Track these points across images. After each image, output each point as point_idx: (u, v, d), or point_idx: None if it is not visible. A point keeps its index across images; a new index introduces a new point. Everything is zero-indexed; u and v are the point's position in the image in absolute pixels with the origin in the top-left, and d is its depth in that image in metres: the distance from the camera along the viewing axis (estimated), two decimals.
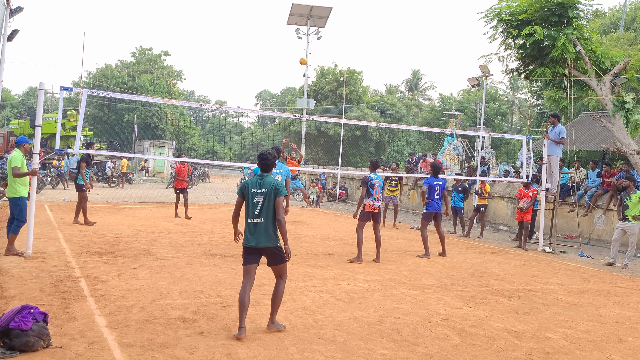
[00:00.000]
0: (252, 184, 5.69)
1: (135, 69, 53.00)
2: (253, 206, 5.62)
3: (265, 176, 5.72)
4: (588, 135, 22.20)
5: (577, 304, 7.82)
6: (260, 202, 5.59)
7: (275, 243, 5.65)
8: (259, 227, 5.59)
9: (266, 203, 5.59)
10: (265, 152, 5.82)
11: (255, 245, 5.60)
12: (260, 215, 5.59)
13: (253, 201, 5.62)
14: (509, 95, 57.65)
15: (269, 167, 5.79)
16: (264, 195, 5.60)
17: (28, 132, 30.01)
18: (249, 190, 5.67)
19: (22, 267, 8.02)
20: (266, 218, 5.59)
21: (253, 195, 5.64)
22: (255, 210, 5.60)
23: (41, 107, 9.12)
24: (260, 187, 5.64)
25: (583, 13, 15.31)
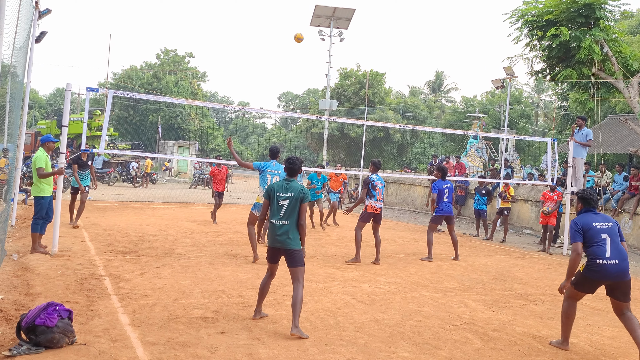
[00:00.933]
0: (278, 188, 5.88)
1: (159, 70, 53.57)
2: (278, 209, 5.80)
3: (291, 181, 5.93)
4: (615, 138, 21.83)
5: (603, 309, 7.68)
6: (285, 206, 5.78)
7: (296, 246, 5.79)
8: (282, 229, 5.75)
9: (291, 207, 5.77)
10: (293, 158, 6.07)
11: (279, 246, 5.78)
12: (284, 217, 5.75)
13: (278, 204, 5.80)
14: (534, 98, 56.96)
15: (295, 172, 6.00)
16: (290, 199, 5.78)
17: (55, 132, 30.47)
18: (275, 193, 5.86)
19: (48, 264, 8.16)
20: (290, 221, 5.75)
21: (278, 199, 5.82)
22: (280, 212, 5.78)
23: (68, 107, 9.27)
24: (286, 191, 5.82)
25: (610, 14, 15.09)
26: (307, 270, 8.97)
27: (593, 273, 5.55)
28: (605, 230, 5.61)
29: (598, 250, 5.51)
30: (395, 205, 25.50)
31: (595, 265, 5.52)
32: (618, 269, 5.48)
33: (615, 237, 5.62)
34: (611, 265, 5.48)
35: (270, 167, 9.59)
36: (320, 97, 46.65)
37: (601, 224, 5.66)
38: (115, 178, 30.00)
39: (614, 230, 5.65)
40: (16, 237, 10.77)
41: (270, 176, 9.49)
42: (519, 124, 44.11)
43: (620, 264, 5.50)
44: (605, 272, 5.48)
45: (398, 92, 65.95)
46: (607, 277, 5.50)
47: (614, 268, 5.48)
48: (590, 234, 5.61)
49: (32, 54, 11.78)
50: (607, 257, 5.49)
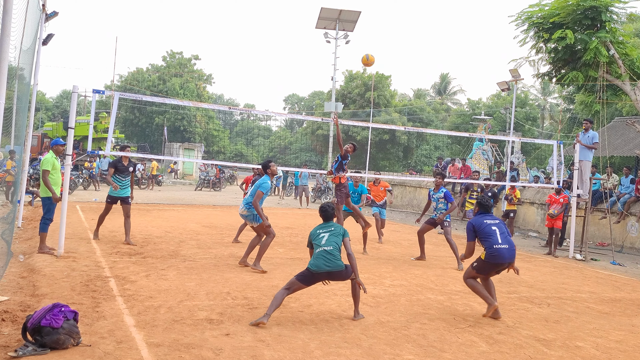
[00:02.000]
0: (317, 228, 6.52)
1: (165, 72, 53.76)
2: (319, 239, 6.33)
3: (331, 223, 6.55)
4: (621, 140, 21.74)
5: (609, 312, 7.65)
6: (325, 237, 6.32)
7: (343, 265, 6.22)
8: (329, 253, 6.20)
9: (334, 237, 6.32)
10: (325, 205, 6.63)
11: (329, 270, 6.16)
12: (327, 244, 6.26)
13: (319, 237, 6.36)
14: (540, 100, 56.81)
15: (329, 217, 6.59)
16: (330, 232, 6.37)
17: (61, 134, 30.64)
18: (315, 231, 6.47)
19: (54, 266, 8.19)
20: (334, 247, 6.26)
21: (319, 234, 6.39)
22: (321, 241, 6.29)
23: (74, 109, 9.31)
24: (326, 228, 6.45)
25: (617, 16, 15.03)
26: None
27: (492, 257, 6.78)
28: (494, 225, 6.94)
29: (493, 240, 6.82)
30: (401, 208, 25.46)
31: (493, 250, 6.76)
32: (509, 252, 6.79)
33: (503, 230, 6.94)
34: (504, 249, 6.77)
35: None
36: (325, 100, 46.64)
37: (490, 220, 7.00)
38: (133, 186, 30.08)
39: (501, 226, 7.01)
40: (22, 239, 10.82)
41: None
42: (524, 126, 44.03)
43: (509, 248, 6.82)
44: (500, 254, 6.75)
45: (403, 94, 65.93)
46: (503, 259, 6.76)
47: (506, 251, 6.77)
48: (484, 230, 6.91)
49: (39, 56, 11.86)
50: (500, 243, 6.78)
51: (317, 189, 28.85)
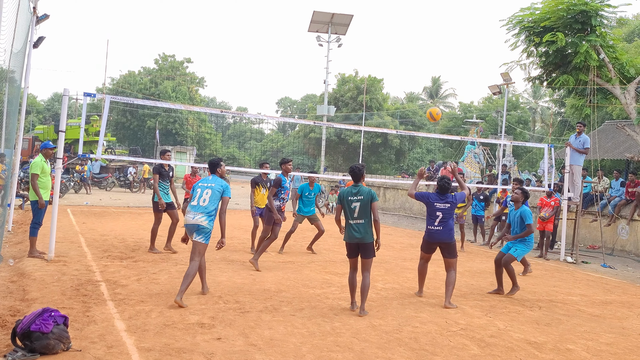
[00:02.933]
0: (348, 193, 6.98)
1: (157, 75, 53.63)
2: (351, 211, 6.89)
3: (359, 186, 7.01)
4: (612, 144, 21.88)
5: (600, 315, 7.69)
6: (357, 207, 6.87)
7: (371, 239, 6.89)
8: (359, 227, 6.87)
9: (363, 208, 6.86)
10: (354, 166, 7.14)
11: (357, 241, 6.87)
12: (359, 217, 6.87)
13: (350, 207, 6.89)
14: (531, 103, 57.12)
15: (358, 177, 7.09)
16: (360, 202, 6.87)
17: (52, 137, 30.50)
18: (346, 198, 6.95)
19: (44, 270, 8.14)
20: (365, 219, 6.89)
21: (350, 202, 6.90)
22: (354, 213, 6.88)
23: (65, 112, 9.26)
24: (356, 195, 6.92)
25: (607, 20, 15.14)
26: (304, 276, 8.99)
27: (426, 236, 7.84)
28: (441, 209, 7.65)
29: (430, 221, 7.72)
30: (393, 211, 25.50)
31: (427, 230, 7.80)
32: (440, 235, 7.65)
33: (447, 215, 7.65)
34: (435, 231, 7.69)
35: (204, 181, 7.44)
36: (318, 103, 46.72)
37: (441, 204, 7.66)
38: (113, 183, 29.96)
39: (449, 209, 7.67)
40: (12, 243, 10.75)
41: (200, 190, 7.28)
42: (516, 129, 44.21)
43: (442, 231, 7.65)
44: (431, 236, 7.73)
45: (396, 97, 66.09)
46: (434, 239, 7.71)
47: (437, 233, 7.68)
48: (430, 208, 7.72)
49: (30, 59, 11.78)
50: (435, 225, 7.67)
51: None
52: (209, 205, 7.07)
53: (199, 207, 7.07)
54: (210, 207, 7.07)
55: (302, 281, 8.59)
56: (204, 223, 7.02)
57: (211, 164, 7.52)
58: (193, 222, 7.02)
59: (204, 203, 7.08)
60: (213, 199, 7.10)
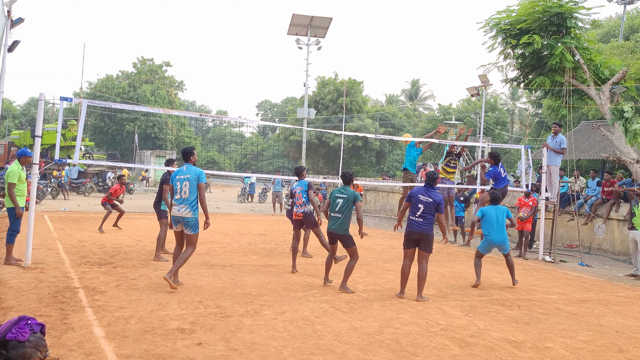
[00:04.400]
0: (337, 191, 8.37)
1: (136, 79, 53.19)
2: (334, 205, 8.22)
3: (347, 187, 8.38)
4: (588, 144, 22.21)
5: (578, 313, 7.79)
6: (340, 203, 8.18)
7: (344, 232, 8.16)
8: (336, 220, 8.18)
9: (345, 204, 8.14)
10: (346, 172, 8.54)
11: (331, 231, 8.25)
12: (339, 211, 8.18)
13: (335, 202, 8.23)
14: (509, 105, 57.77)
15: (348, 181, 8.51)
16: (343, 199, 8.16)
17: (29, 143, 30.04)
18: (334, 194, 8.32)
19: (21, 277, 8.01)
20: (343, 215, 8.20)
21: (336, 198, 8.24)
22: (335, 208, 8.20)
23: (41, 117, 9.14)
24: (342, 193, 8.25)
25: (581, 22, 15.36)
26: (285, 279, 8.97)
27: (407, 227, 8.06)
28: (423, 202, 7.90)
29: (411, 212, 8.00)
30: (374, 213, 25.58)
31: (408, 220, 8.02)
32: (420, 226, 7.89)
33: (429, 209, 7.86)
34: (416, 222, 7.93)
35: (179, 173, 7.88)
36: (298, 106, 46.70)
37: (424, 197, 7.91)
38: (91, 188, 29.59)
39: (430, 205, 7.87)
40: None
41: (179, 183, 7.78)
42: (494, 131, 44.69)
43: (422, 223, 7.88)
44: (411, 226, 7.97)
45: (376, 100, 66.40)
46: (414, 229, 7.93)
47: (417, 224, 7.91)
48: (413, 202, 8.01)
49: (5, 63, 11.59)
50: (416, 216, 7.90)
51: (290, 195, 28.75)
52: (190, 196, 7.66)
53: (182, 199, 7.64)
54: (191, 198, 7.67)
55: (283, 284, 8.57)
56: (188, 215, 7.64)
57: (184, 152, 7.97)
58: (178, 215, 7.68)
59: (185, 195, 7.64)
60: (192, 189, 7.65)
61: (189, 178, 7.66)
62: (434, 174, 8.13)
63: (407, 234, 8.12)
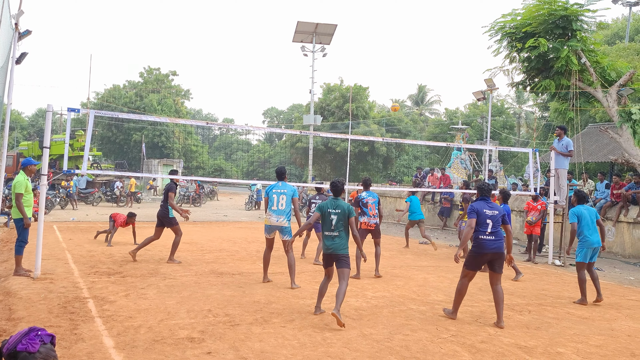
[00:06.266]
0: (328, 206, 7.18)
1: (143, 88, 53.46)
2: (329, 222, 7.10)
3: (339, 200, 7.25)
4: (596, 147, 22.11)
5: (589, 317, 7.73)
6: (334, 220, 7.08)
7: (344, 251, 7.02)
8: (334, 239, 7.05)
9: (340, 221, 7.07)
10: (336, 181, 7.38)
11: (330, 252, 7.04)
12: (335, 229, 7.07)
13: (329, 219, 7.09)
14: (516, 108, 57.61)
15: (339, 192, 7.37)
16: (338, 215, 7.07)
17: (37, 154, 30.25)
18: (326, 210, 7.16)
19: (31, 288, 8.04)
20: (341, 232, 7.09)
21: (329, 214, 7.11)
22: (331, 225, 7.08)
23: (49, 128, 9.20)
24: (335, 208, 7.13)
25: (587, 25, 15.33)
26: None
27: (476, 247, 7.12)
28: (490, 217, 7.13)
29: (480, 231, 7.10)
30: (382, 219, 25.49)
31: (478, 241, 7.11)
32: (494, 244, 7.05)
33: (497, 223, 7.15)
34: (488, 240, 7.06)
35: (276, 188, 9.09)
36: (304, 112, 46.79)
37: (489, 211, 7.18)
38: (99, 198, 29.72)
39: (497, 217, 7.17)
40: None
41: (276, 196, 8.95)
42: (501, 134, 44.55)
43: (495, 240, 7.07)
44: (483, 246, 7.05)
45: (382, 105, 66.40)
46: (487, 249, 7.04)
47: (491, 242, 7.05)
48: (479, 220, 7.14)
49: (13, 75, 11.69)
50: (487, 234, 7.06)
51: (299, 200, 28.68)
52: (286, 208, 8.92)
53: (279, 210, 8.91)
54: (287, 209, 8.93)
55: (292, 292, 8.56)
56: (285, 224, 8.89)
57: (279, 172, 9.35)
58: (277, 224, 8.92)
59: (282, 207, 8.91)
60: (288, 202, 8.95)
61: (286, 193, 8.98)
62: (487, 185, 7.45)
63: (477, 255, 7.15)
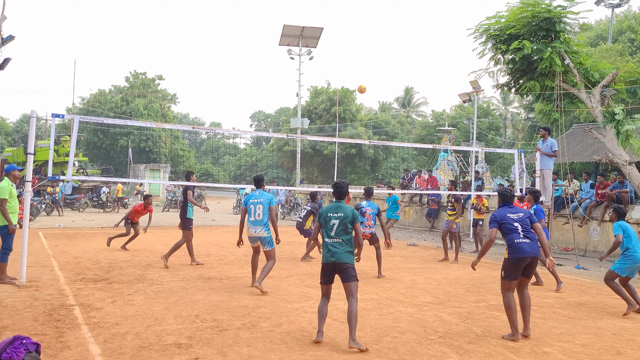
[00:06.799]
0: (328, 210, 6.36)
1: (129, 93, 53.14)
2: (329, 228, 6.27)
3: (342, 203, 6.42)
4: (580, 147, 22.32)
5: (575, 317, 7.80)
6: (335, 225, 6.22)
7: (349, 261, 6.16)
8: (336, 245, 6.18)
9: (342, 225, 6.21)
10: (339, 183, 6.56)
11: (332, 262, 6.15)
12: (336, 235, 6.21)
13: (329, 224, 6.27)
14: (501, 110, 58.03)
15: (343, 195, 6.52)
16: (340, 219, 6.23)
17: (22, 160, 29.97)
18: (326, 214, 6.35)
19: (16, 296, 7.96)
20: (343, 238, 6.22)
21: (329, 219, 6.29)
22: (331, 231, 6.23)
23: (33, 134, 9.12)
24: (336, 212, 6.30)
25: (570, 27, 15.47)
26: (282, 290, 8.95)
27: (515, 252, 6.58)
28: (516, 220, 6.75)
29: (513, 235, 6.65)
30: None
31: (513, 246, 6.61)
32: (532, 248, 6.59)
33: (526, 225, 6.73)
34: (523, 244, 6.58)
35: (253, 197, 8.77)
36: (292, 116, 46.76)
37: (513, 214, 6.81)
38: (86, 204, 29.51)
39: (523, 219, 6.77)
40: None
41: (253, 206, 8.64)
42: (487, 136, 44.82)
43: (531, 243, 6.62)
44: (521, 250, 6.55)
45: (369, 108, 66.55)
46: (524, 253, 6.55)
47: (528, 246, 6.57)
48: (506, 226, 6.74)
49: None
50: (521, 237, 6.62)
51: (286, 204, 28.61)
52: (264, 218, 8.60)
53: (256, 221, 8.60)
54: (265, 219, 8.61)
55: (280, 296, 8.55)
56: (263, 234, 8.59)
57: (257, 179, 9.00)
58: (255, 235, 8.63)
59: (259, 217, 8.60)
60: (265, 211, 8.61)
61: (262, 202, 8.64)
62: (508, 191, 7.04)
63: (515, 261, 6.58)
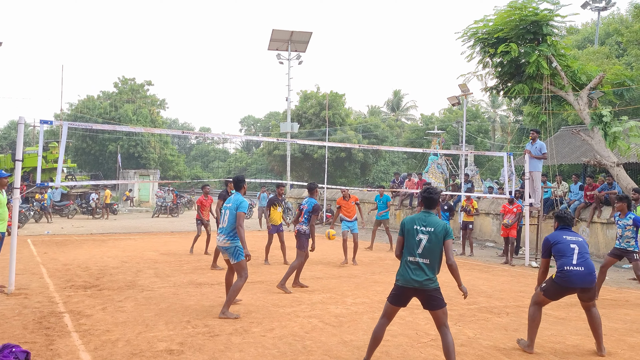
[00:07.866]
0: (414, 221, 5.26)
1: (117, 99, 52.88)
2: (415, 244, 5.16)
3: (431, 214, 5.29)
4: (569, 149, 22.49)
5: (565, 318, 7.84)
6: (423, 241, 5.13)
7: (436, 285, 5.16)
8: (422, 267, 5.12)
9: (431, 243, 5.13)
10: (429, 189, 5.41)
11: (415, 286, 5.12)
12: (423, 255, 5.13)
13: (415, 239, 5.17)
14: (490, 113, 58.36)
15: (434, 204, 5.39)
16: (429, 234, 5.13)
17: (10, 166, 29.71)
18: (411, 227, 5.23)
19: (5, 304, 7.88)
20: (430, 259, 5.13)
21: (415, 233, 5.18)
22: (417, 249, 5.14)
23: (21, 141, 9.05)
24: (425, 226, 5.18)
25: (557, 30, 15.62)
26: (273, 295, 8.92)
27: (562, 280, 5.98)
28: (574, 242, 6.10)
29: (566, 260, 5.99)
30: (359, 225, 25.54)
31: (562, 272, 5.98)
32: (582, 276, 5.92)
33: (584, 250, 6.05)
34: (577, 272, 5.92)
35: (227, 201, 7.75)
36: (281, 120, 46.80)
37: (570, 237, 6.15)
38: (75, 210, 29.30)
39: (582, 243, 6.11)
40: None
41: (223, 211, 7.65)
42: (477, 139, 45.05)
43: (586, 273, 5.94)
44: (572, 279, 5.92)
45: (358, 112, 66.68)
46: (574, 283, 5.92)
47: (579, 274, 5.91)
48: (560, 247, 6.09)
49: None
50: (574, 265, 5.94)
51: None
52: (228, 226, 7.41)
53: (221, 228, 7.50)
54: (229, 227, 7.39)
55: (271, 301, 8.53)
56: (226, 244, 7.38)
57: (235, 180, 7.88)
58: (220, 245, 7.51)
59: (224, 224, 7.47)
60: (230, 218, 7.39)
61: (230, 207, 7.45)
62: (567, 214, 6.41)
63: (559, 288, 6.06)
